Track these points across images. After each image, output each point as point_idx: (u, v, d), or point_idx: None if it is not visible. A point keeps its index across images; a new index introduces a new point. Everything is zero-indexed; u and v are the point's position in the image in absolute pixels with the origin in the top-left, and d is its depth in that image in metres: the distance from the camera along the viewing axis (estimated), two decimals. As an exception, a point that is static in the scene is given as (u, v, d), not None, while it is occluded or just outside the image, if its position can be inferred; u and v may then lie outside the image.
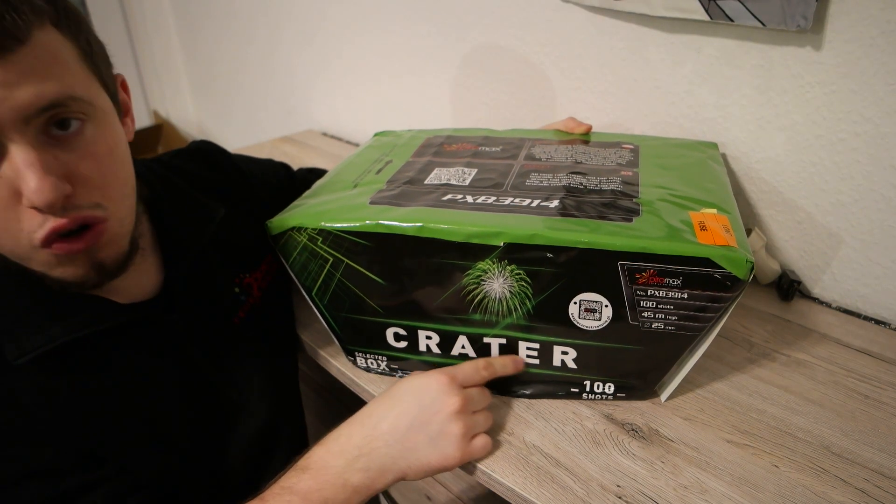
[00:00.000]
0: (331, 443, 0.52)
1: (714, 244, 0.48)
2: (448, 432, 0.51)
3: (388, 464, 0.51)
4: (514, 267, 0.53)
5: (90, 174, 0.45)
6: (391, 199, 0.58)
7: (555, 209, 0.54)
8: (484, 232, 0.52)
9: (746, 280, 0.48)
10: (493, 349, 0.59)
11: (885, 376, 0.62)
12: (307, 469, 0.50)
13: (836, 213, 0.72)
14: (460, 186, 0.60)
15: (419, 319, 0.59)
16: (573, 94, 0.94)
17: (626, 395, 0.59)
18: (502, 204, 0.56)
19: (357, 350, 0.64)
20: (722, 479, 0.51)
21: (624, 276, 0.50)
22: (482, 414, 0.55)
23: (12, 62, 0.39)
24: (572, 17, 0.89)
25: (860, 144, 0.68)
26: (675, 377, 0.57)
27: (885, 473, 0.51)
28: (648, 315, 0.52)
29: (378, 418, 0.52)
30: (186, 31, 1.92)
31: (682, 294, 0.50)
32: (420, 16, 1.13)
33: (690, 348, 0.54)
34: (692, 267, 0.48)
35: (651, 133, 0.87)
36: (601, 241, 0.50)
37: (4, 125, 0.40)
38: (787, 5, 0.65)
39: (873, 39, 0.63)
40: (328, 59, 1.41)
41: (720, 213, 0.54)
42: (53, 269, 0.46)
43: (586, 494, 0.50)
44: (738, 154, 0.79)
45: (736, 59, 0.74)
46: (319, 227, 0.56)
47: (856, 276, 0.73)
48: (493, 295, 0.55)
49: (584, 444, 0.55)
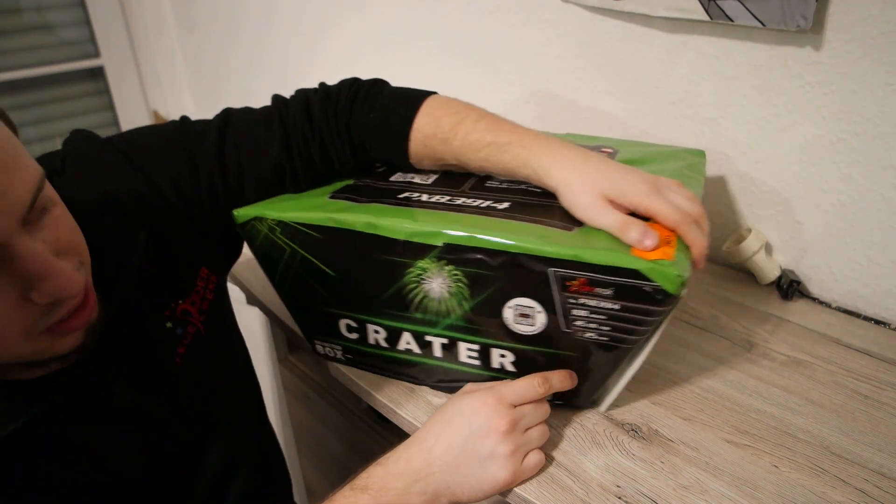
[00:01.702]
0: (391, 464, 0.51)
1: (645, 257, 0.47)
2: (497, 454, 0.50)
3: (443, 488, 0.50)
4: (451, 267, 0.53)
5: (70, 239, 0.42)
6: (350, 195, 0.60)
7: (502, 211, 0.54)
8: (423, 231, 0.52)
9: (677, 295, 0.48)
10: (435, 348, 0.59)
11: (885, 376, 0.62)
12: (367, 489, 0.49)
13: (836, 213, 0.72)
14: (422, 185, 0.61)
15: (367, 313, 0.60)
16: (573, 94, 0.94)
17: (563, 402, 0.58)
18: (453, 204, 0.56)
19: (316, 338, 0.66)
20: (722, 479, 0.51)
21: (556, 284, 0.50)
22: (537, 429, 0.53)
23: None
24: (572, 17, 0.89)
25: (860, 144, 0.68)
26: (613, 387, 0.57)
27: (885, 473, 0.51)
28: (581, 324, 0.51)
29: (433, 442, 0.51)
30: (186, 31, 1.92)
31: (614, 305, 0.49)
32: (420, 17, 1.13)
33: (627, 359, 0.54)
34: (622, 278, 0.48)
35: (651, 133, 0.87)
36: (531, 246, 0.49)
37: (9, 232, 0.36)
38: (786, 5, 0.65)
39: (873, 39, 0.63)
40: (329, 58, 1.41)
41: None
42: (46, 352, 0.42)
43: (586, 494, 0.50)
44: (738, 154, 0.79)
45: (736, 59, 0.74)
46: (278, 219, 0.57)
47: (856, 276, 0.73)
48: (433, 294, 0.55)
49: (583, 444, 0.55)
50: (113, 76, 2.02)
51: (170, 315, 0.55)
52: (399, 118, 0.60)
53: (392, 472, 0.50)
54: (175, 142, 0.57)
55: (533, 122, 1.01)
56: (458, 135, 0.58)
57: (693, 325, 0.71)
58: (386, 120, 0.61)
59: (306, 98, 0.62)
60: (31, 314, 0.39)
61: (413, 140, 0.60)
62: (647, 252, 0.48)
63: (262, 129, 0.60)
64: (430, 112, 0.60)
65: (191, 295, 0.57)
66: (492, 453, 0.50)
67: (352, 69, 1.35)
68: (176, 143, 0.57)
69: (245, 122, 0.60)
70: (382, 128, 0.61)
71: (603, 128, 0.92)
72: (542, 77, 0.97)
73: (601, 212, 0.51)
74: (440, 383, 0.62)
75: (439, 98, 0.62)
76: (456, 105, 0.60)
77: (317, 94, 0.63)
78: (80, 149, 0.53)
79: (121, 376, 0.50)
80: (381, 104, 0.61)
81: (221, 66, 1.82)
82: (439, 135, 0.59)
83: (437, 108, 0.60)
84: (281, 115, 0.61)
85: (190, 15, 1.85)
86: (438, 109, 0.60)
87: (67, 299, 0.40)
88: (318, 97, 0.62)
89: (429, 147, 0.60)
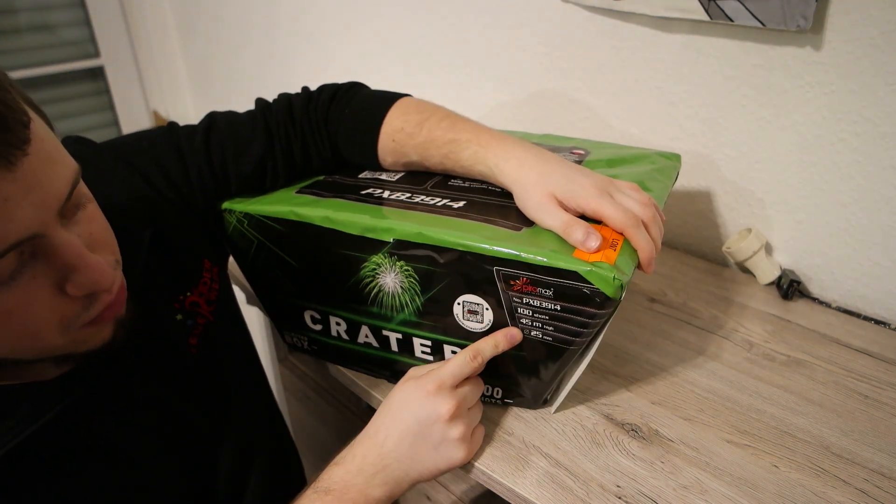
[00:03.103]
0: (347, 463, 0.53)
1: (585, 259, 0.48)
2: (449, 438, 0.52)
3: (402, 476, 0.52)
4: (402, 263, 0.54)
5: (104, 236, 0.43)
6: (316, 190, 0.62)
7: (456, 209, 0.55)
8: (376, 227, 0.54)
9: (616, 298, 0.48)
10: (392, 342, 0.60)
11: (885, 376, 0.62)
12: (330, 491, 0.51)
13: (836, 213, 0.72)
14: (387, 182, 0.62)
15: (328, 305, 0.62)
16: (573, 94, 0.94)
17: (514, 401, 0.59)
18: (410, 201, 0.58)
19: (284, 329, 0.68)
20: (722, 479, 0.51)
21: (500, 282, 0.51)
22: (477, 406, 0.56)
23: (35, 160, 0.36)
24: (572, 17, 0.89)
25: (860, 144, 0.68)
26: (562, 388, 0.58)
27: (885, 473, 0.51)
28: (526, 322, 0.52)
29: (384, 435, 0.53)
30: (186, 31, 1.92)
31: (555, 305, 0.50)
32: (419, 16, 1.13)
33: (574, 359, 0.54)
34: (561, 279, 0.48)
35: (651, 133, 0.87)
36: (475, 244, 0.50)
37: (48, 223, 0.37)
38: (786, 5, 0.65)
39: (873, 39, 0.63)
40: (328, 59, 1.41)
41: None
42: (82, 346, 0.43)
43: (586, 494, 0.50)
44: (738, 154, 0.79)
45: (736, 59, 0.74)
46: (244, 211, 0.60)
47: (856, 276, 0.73)
48: (387, 289, 0.57)
49: (583, 444, 0.55)
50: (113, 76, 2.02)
51: (179, 307, 0.56)
52: (371, 114, 0.63)
53: (350, 469, 0.52)
54: (165, 143, 0.60)
55: (532, 122, 1.01)
56: (423, 131, 0.60)
57: (693, 325, 0.71)
58: (359, 116, 0.63)
59: (288, 100, 0.65)
60: (67, 308, 0.40)
61: (382, 134, 0.62)
62: (590, 254, 0.48)
63: (247, 128, 0.62)
64: (401, 109, 0.62)
65: (198, 286, 0.59)
66: (444, 438, 0.52)
67: (351, 69, 1.35)
68: (166, 144, 0.60)
69: (229, 122, 0.63)
70: (355, 123, 0.63)
71: (603, 128, 0.92)
72: (542, 77, 0.97)
73: (549, 212, 0.52)
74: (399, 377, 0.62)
75: (412, 98, 0.64)
76: (426, 105, 0.63)
77: (298, 96, 0.66)
78: (76, 153, 0.55)
79: (138, 370, 0.51)
80: (356, 103, 0.64)
81: (221, 66, 1.82)
82: (406, 129, 0.61)
83: (408, 105, 0.63)
84: (265, 116, 0.63)
85: (190, 15, 1.85)
86: (409, 107, 0.62)
87: (102, 294, 0.41)
88: (299, 99, 0.66)
89: (396, 142, 0.62)
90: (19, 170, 0.34)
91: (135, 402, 0.51)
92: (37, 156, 0.36)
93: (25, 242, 0.36)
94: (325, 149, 0.65)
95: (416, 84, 1.21)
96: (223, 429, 0.58)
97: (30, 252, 0.37)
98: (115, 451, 0.48)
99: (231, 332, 0.64)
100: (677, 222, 0.88)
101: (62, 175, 0.38)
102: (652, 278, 0.80)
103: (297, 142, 0.63)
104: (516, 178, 0.55)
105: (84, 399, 0.47)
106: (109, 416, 0.48)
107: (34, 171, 0.35)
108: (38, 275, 0.38)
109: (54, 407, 0.44)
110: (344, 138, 0.64)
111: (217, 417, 0.58)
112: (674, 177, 0.66)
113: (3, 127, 0.34)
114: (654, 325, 0.71)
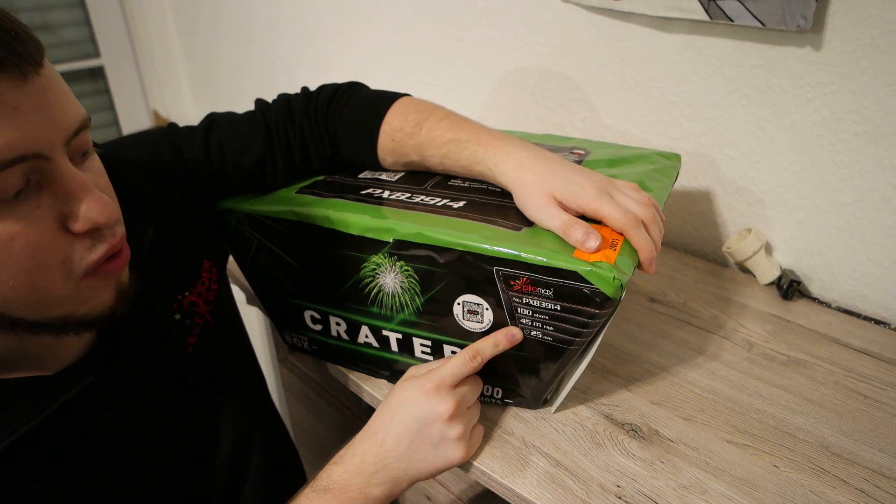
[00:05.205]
0: (347, 462, 0.53)
1: (585, 259, 0.48)
2: (447, 437, 0.52)
3: (401, 475, 0.53)
4: (402, 263, 0.54)
5: (110, 193, 0.44)
6: (316, 190, 0.62)
7: (456, 209, 0.55)
8: (376, 227, 0.54)
9: (616, 298, 0.48)
10: (392, 342, 0.60)
11: (885, 376, 0.62)
12: (329, 489, 0.51)
13: (836, 213, 0.72)
14: (387, 182, 0.62)
15: (329, 305, 0.62)
16: (573, 94, 0.94)
17: (514, 401, 0.59)
18: (410, 201, 0.57)
19: (285, 329, 0.68)
20: (722, 479, 0.51)
21: (500, 282, 0.51)
22: (476, 405, 0.56)
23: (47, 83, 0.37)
24: (572, 17, 0.89)
25: (860, 144, 0.68)
26: (562, 388, 0.58)
27: (885, 473, 0.51)
28: (526, 322, 0.52)
29: (383, 435, 0.53)
30: (186, 31, 1.92)
31: (555, 305, 0.50)
32: (419, 16, 1.13)
33: (574, 360, 0.54)
34: (561, 279, 0.48)
35: (651, 133, 0.87)
36: (474, 244, 0.50)
37: (54, 147, 0.38)
38: (786, 5, 0.65)
39: (873, 39, 0.63)
40: (328, 59, 1.41)
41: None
42: (84, 304, 0.42)
43: (586, 494, 0.50)
44: (738, 154, 0.79)
45: (736, 59, 0.74)
46: (244, 211, 0.60)
47: (856, 276, 0.73)
48: (387, 289, 0.57)
49: (583, 444, 0.55)
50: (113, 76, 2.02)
51: (178, 307, 0.56)
52: (370, 114, 0.63)
53: (349, 468, 0.52)
54: (165, 143, 0.60)
55: (532, 123, 1.01)
56: (423, 130, 0.60)
57: (693, 325, 0.71)
58: (358, 115, 0.63)
59: (288, 100, 0.65)
60: (71, 248, 0.40)
61: (382, 133, 0.62)
62: (590, 254, 0.48)
63: (246, 128, 0.62)
64: (401, 109, 0.62)
65: (196, 286, 0.59)
66: (443, 437, 0.52)
67: (352, 69, 1.35)
68: (166, 144, 0.60)
69: (229, 122, 0.63)
70: (355, 122, 0.63)
71: (603, 128, 0.92)
72: (542, 78, 0.97)
73: (549, 213, 0.52)
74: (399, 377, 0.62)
75: (412, 98, 0.64)
76: (425, 104, 0.63)
77: (298, 96, 0.66)
78: None
79: (136, 368, 0.51)
80: (355, 102, 0.64)
81: (221, 66, 1.82)
82: (406, 128, 0.61)
83: (408, 105, 0.62)
84: (264, 115, 0.63)
85: (190, 15, 1.85)
86: (409, 107, 0.62)
87: (106, 235, 0.41)
88: (299, 98, 0.65)
89: (396, 141, 0.62)
90: (31, 85, 0.36)
91: (132, 400, 0.51)
92: (48, 81, 0.37)
93: (31, 159, 0.36)
94: (324, 148, 0.65)
95: (416, 84, 1.21)
96: (221, 428, 0.58)
97: (36, 180, 0.37)
98: (113, 448, 0.48)
99: (229, 333, 0.63)
100: (677, 222, 0.88)
101: (72, 109, 0.39)
102: (652, 278, 0.80)
103: (297, 141, 0.63)
104: (516, 179, 0.55)
105: (82, 396, 0.47)
106: (107, 414, 0.48)
107: (45, 93, 0.37)
108: (42, 205, 0.38)
109: (53, 403, 0.44)
110: (343, 137, 0.64)
111: (214, 417, 0.58)
112: (674, 177, 0.66)
113: (18, 40, 0.36)
114: (654, 325, 0.71)
